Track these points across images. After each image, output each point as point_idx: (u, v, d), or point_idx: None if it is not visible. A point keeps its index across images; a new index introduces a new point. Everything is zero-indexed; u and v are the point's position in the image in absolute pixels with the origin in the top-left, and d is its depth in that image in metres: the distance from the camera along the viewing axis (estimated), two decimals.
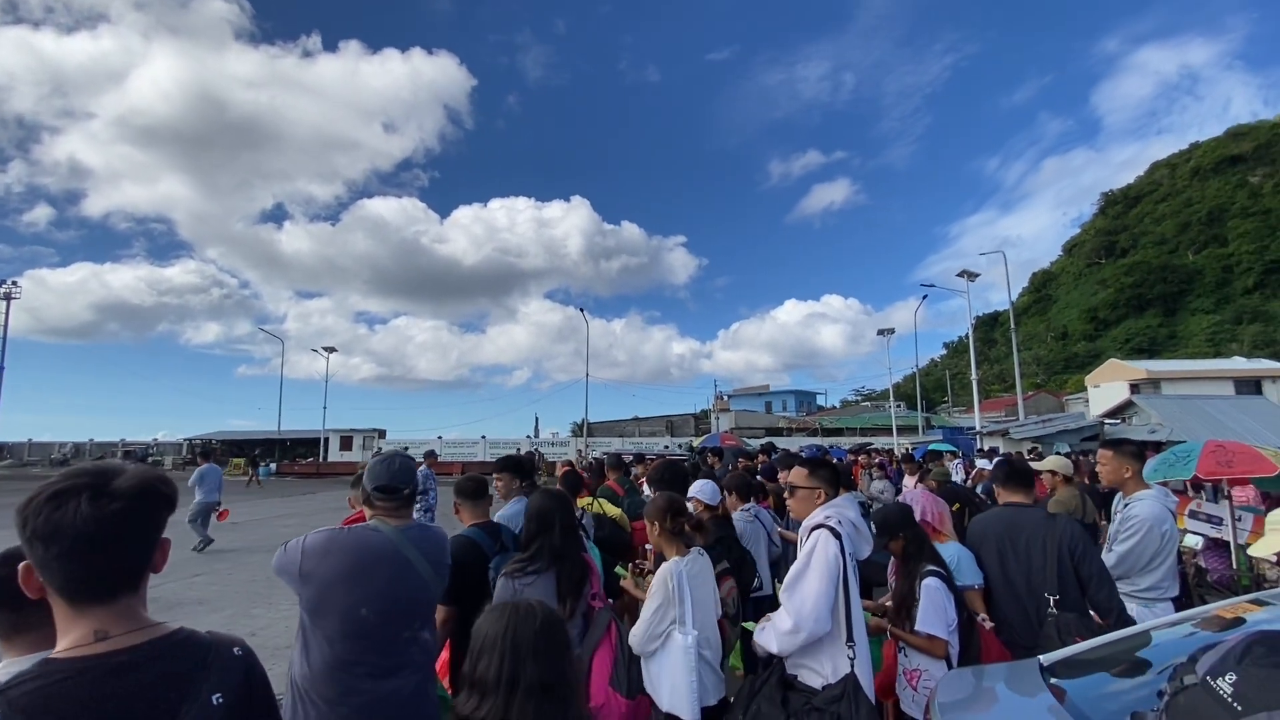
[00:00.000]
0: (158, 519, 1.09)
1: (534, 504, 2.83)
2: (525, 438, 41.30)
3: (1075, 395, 48.81)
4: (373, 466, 2.23)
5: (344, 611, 1.88)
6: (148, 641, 1.06)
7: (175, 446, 45.58)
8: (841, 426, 43.49)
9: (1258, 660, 1.39)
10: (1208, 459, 5.76)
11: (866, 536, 2.63)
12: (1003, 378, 70.31)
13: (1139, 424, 22.90)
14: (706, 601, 2.78)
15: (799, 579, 2.42)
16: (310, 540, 1.98)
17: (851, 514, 2.59)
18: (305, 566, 1.92)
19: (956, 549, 3.38)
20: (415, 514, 2.59)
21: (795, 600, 2.38)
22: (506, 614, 1.37)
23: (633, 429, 46.41)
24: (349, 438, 40.35)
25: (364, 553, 1.97)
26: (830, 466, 2.81)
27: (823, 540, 2.43)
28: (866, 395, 79.70)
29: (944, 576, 2.88)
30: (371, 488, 2.18)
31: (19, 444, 45.96)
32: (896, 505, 3.23)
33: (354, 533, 2.05)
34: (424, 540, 2.14)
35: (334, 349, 43.71)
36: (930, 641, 2.77)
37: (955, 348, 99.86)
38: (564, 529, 2.73)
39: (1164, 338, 71.77)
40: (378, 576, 1.94)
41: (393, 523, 2.13)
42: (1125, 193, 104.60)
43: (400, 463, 2.24)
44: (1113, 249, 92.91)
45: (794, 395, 62.68)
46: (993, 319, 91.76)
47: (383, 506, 2.17)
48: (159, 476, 1.11)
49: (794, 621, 2.35)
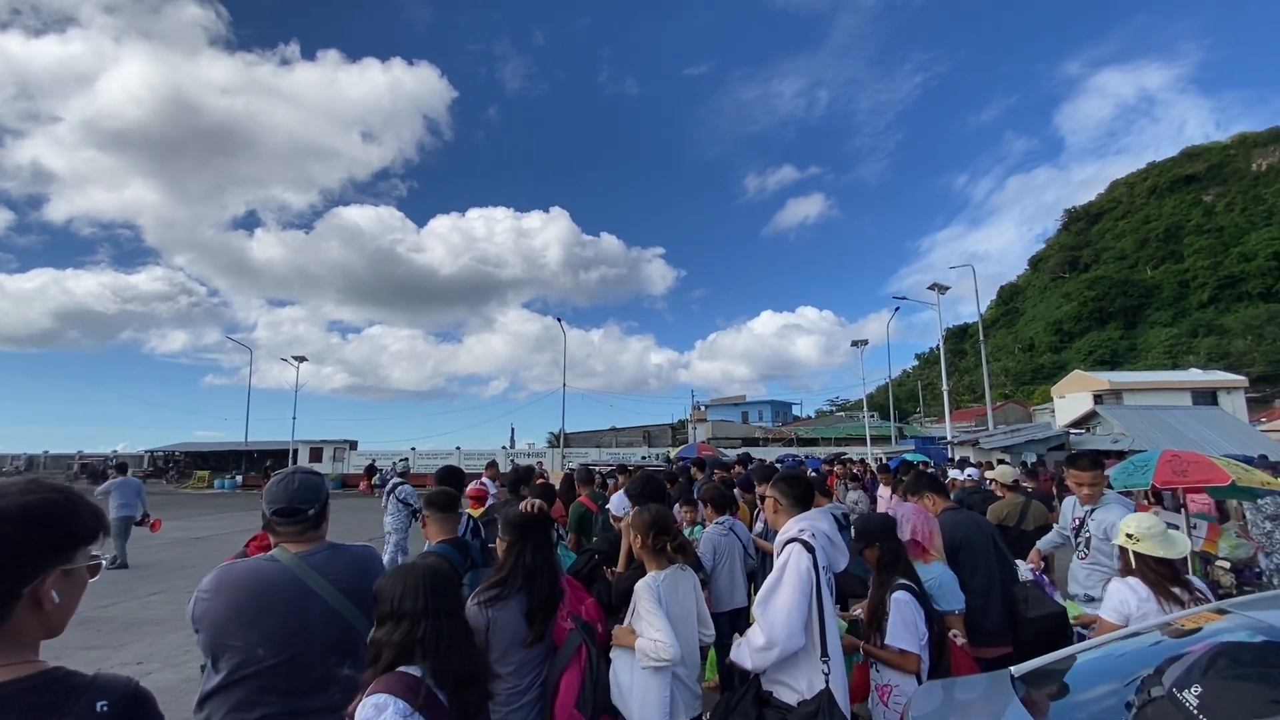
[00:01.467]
0: (25, 549, 0.95)
1: (508, 520, 2.70)
2: (501, 448, 40.82)
3: (1042, 405, 49.96)
4: (270, 487, 2.01)
5: (241, 654, 1.75)
6: (8, 681, 0.94)
7: (136, 459, 44.07)
8: (817, 436, 43.87)
9: (1222, 672, 1.42)
10: (1164, 468, 5.93)
11: (842, 549, 2.61)
12: (973, 388, 71.73)
13: (1103, 434, 23.53)
14: (684, 618, 2.72)
15: (771, 594, 2.39)
16: (203, 581, 1.85)
17: (825, 526, 2.57)
18: (196, 611, 1.80)
19: (941, 570, 3.33)
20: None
21: (768, 616, 2.36)
22: (417, 567, 1.76)
23: (610, 439, 46.21)
24: (319, 449, 39.43)
25: (256, 587, 1.82)
26: (793, 479, 2.80)
27: (795, 554, 2.41)
28: (841, 405, 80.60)
29: (915, 591, 2.88)
30: (270, 511, 1.96)
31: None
32: (879, 515, 3.25)
33: (246, 565, 1.90)
34: (332, 565, 1.94)
35: (304, 358, 42.79)
36: (902, 656, 2.76)
37: (927, 359, 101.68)
38: (535, 547, 2.61)
39: (1125, 350, 74.07)
40: (273, 612, 1.78)
41: (294, 549, 1.94)
42: (1087, 209, 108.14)
43: (301, 480, 2.02)
44: (1076, 263, 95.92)
45: (770, 405, 63.10)
46: (962, 331, 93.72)
47: (285, 532, 1.96)
48: (39, 501, 0.97)
49: (767, 637, 2.33)
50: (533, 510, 2.83)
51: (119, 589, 8.79)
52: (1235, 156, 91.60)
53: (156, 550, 12.02)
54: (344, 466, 38.05)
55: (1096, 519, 3.70)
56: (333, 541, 2.07)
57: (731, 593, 4.56)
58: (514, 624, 2.43)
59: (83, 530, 1.02)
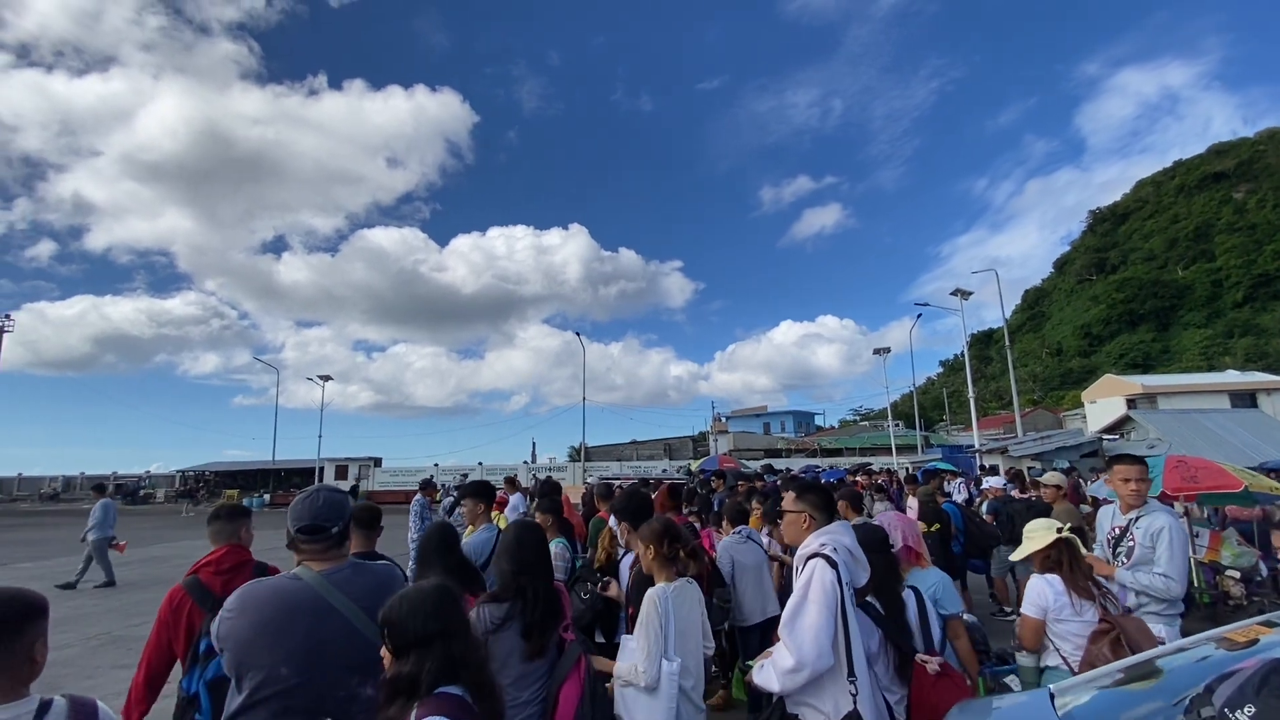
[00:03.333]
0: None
1: (506, 537, 2.69)
2: (523, 463, 40.98)
3: (1073, 411, 48.82)
4: (294, 505, 2.01)
5: (264, 673, 1.75)
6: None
7: (168, 478, 45.08)
8: (840, 446, 43.31)
9: (1275, 691, 1.34)
10: (1172, 474, 5.76)
11: (864, 563, 2.53)
12: (999, 395, 70.34)
13: (1137, 439, 22.88)
14: (690, 631, 2.71)
15: (797, 613, 2.31)
16: (228, 600, 1.85)
17: (848, 541, 2.49)
18: (221, 630, 1.80)
19: (939, 576, 3.30)
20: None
21: (795, 636, 2.27)
22: (425, 592, 1.67)
23: (631, 452, 46.12)
24: (344, 466, 39.99)
25: (279, 605, 1.83)
26: (822, 491, 2.72)
27: (819, 570, 2.32)
28: (864, 415, 79.50)
29: (871, 607, 2.74)
30: (295, 529, 1.96)
31: (8, 479, 45.42)
32: (867, 527, 3.13)
33: (268, 584, 1.91)
34: (354, 583, 1.95)
35: (329, 377, 43.53)
36: None
37: (951, 366, 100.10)
38: (530, 560, 2.56)
39: (1158, 352, 72.15)
40: (296, 630, 1.78)
41: (317, 567, 1.94)
42: (1113, 210, 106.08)
43: (325, 498, 2.03)
44: (1103, 265, 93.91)
45: (792, 416, 62.52)
46: (987, 336, 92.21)
47: (309, 549, 1.96)
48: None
49: (796, 659, 2.23)
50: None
51: (149, 607, 8.92)
52: (1265, 152, 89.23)
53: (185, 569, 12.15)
54: (370, 484, 38.48)
55: (1142, 526, 3.55)
56: (355, 560, 2.08)
57: (761, 604, 4.48)
58: (512, 637, 2.42)
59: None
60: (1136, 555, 3.52)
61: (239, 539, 3.04)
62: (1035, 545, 3.10)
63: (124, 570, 12.39)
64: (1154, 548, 3.45)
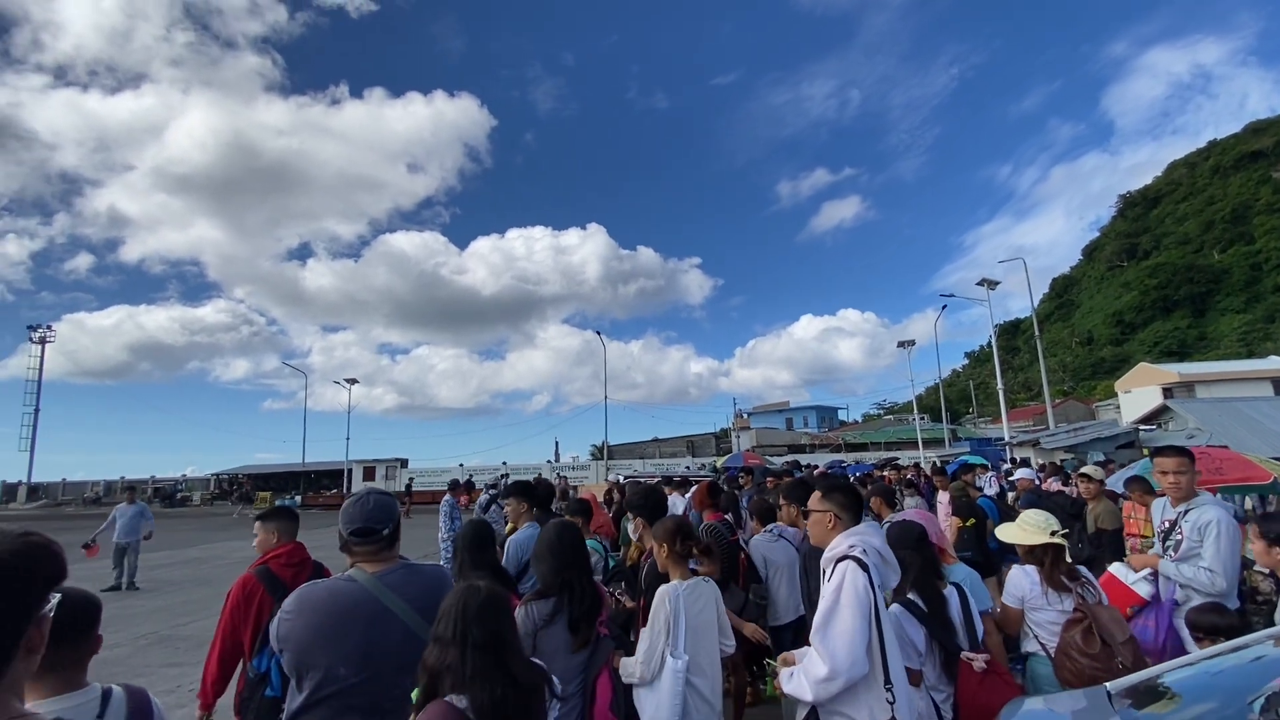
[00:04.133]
0: (22, 600, 0.92)
1: (548, 536, 2.77)
2: (546, 462, 41.24)
3: (1105, 402, 47.65)
4: (348, 508, 2.05)
5: (322, 673, 1.79)
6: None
7: (203, 482, 46.27)
8: (865, 441, 42.82)
9: None
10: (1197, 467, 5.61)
11: (894, 565, 2.46)
12: (1028, 386, 68.92)
13: (1175, 429, 22.23)
14: (703, 629, 2.70)
15: (829, 619, 2.22)
16: (285, 602, 1.89)
17: (877, 542, 2.42)
18: (281, 632, 1.84)
19: (965, 573, 3.25)
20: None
21: (830, 643, 2.18)
22: (460, 589, 1.69)
23: (653, 450, 46.14)
24: (372, 468, 40.61)
25: (336, 607, 1.87)
26: (849, 490, 2.65)
27: (850, 573, 2.24)
28: (889, 409, 78.56)
29: (914, 605, 2.70)
30: (347, 532, 2.00)
31: (53, 484, 46.97)
32: (900, 523, 3.08)
33: (325, 586, 1.95)
34: (408, 584, 1.98)
35: (355, 380, 44.36)
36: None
37: (977, 357, 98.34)
38: (571, 558, 2.66)
39: (1194, 339, 70.00)
40: (353, 631, 1.82)
41: (370, 569, 1.98)
42: (1144, 194, 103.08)
43: (375, 500, 2.07)
44: (1135, 251, 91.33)
45: (815, 411, 61.96)
46: (1014, 327, 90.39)
47: (361, 551, 2.01)
48: (23, 548, 0.95)
49: (830, 667, 2.15)
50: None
51: (195, 607, 9.19)
52: None
53: (228, 569, 12.50)
54: (395, 484, 39.07)
55: (1190, 519, 3.46)
56: (407, 561, 2.11)
57: (794, 602, 4.45)
58: (561, 633, 2.51)
59: (58, 572, 1.00)
60: (1184, 549, 3.45)
61: (296, 537, 3.27)
62: (1027, 540, 3.22)
63: (166, 571, 12.75)
64: (1201, 541, 3.38)
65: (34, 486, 46.17)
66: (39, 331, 49.54)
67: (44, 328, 49.96)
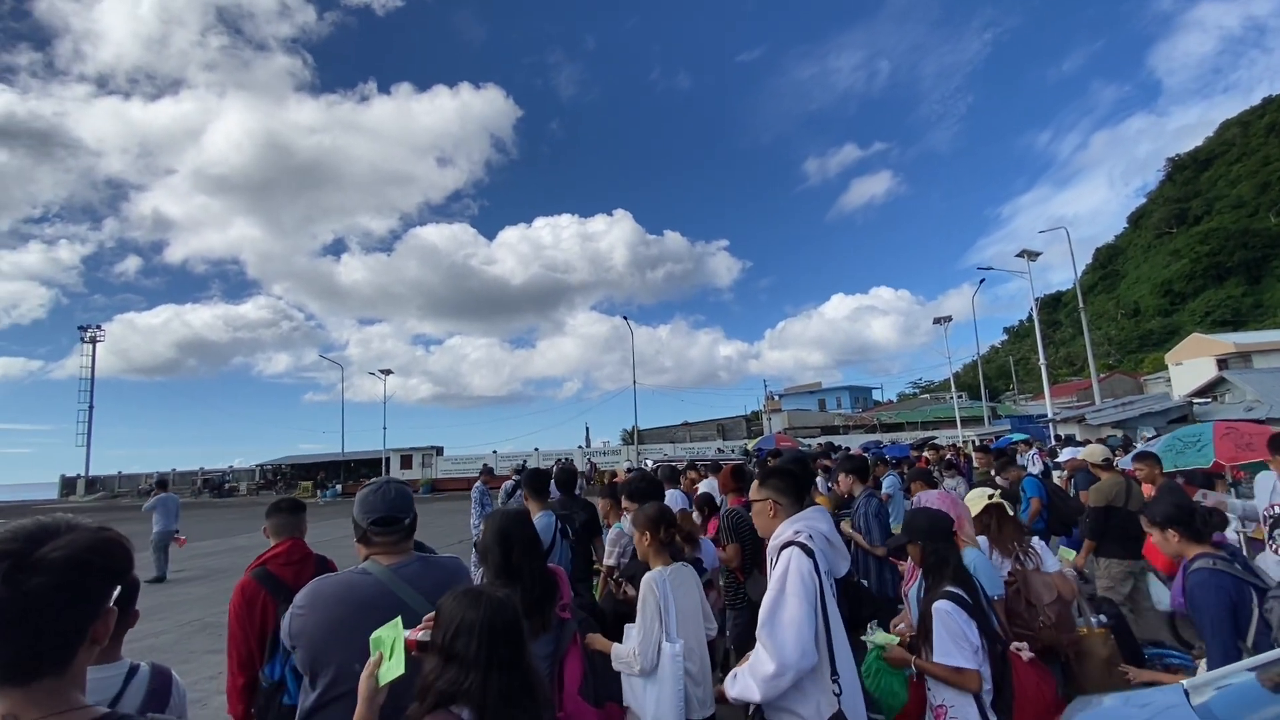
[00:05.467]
0: (91, 592, 0.95)
1: (490, 526, 2.68)
2: (578, 447, 41.53)
3: (1155, 375, 45.83)
4: (366, 497, 1.97)
5: (336, 670, 1.74)
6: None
7: (249, 473, 47.88)
8: (901, 421, 42.02)
9: None
10: (1224, 443, 5.27)
11: (843, 551, 2.37)
12: (1070, 361, 66.73)
13: (1232, 401, 21.20)
14: (691, 613, 2.66)
15: (775, 610, 2.09)
16: (296, 598, 1.83)
17: (824, 527, 2.31)
18: (293, 628, 1.79)
19: (974, 556, 3.07)
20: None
21: (777, 636, 2.05)
22: (482, 602, 1.54)
23: (683, 434, 46.05)
24: (409, 456, 41.46)
25: (350, 601, 1.82)
26: (787, 475, 2.50)
27: (795, 560, 2.13)
28: (924, 387, 76.94)
29: (960, 598, 2.53)
30: (368, 522, 1.93)
31: (110, 476, 49.19)
32: (928, 511, 2.89)
33: (338, 579, 1.89)
34: (424, 577, 1.91)
35: (390, 371, 45.22)
36: (958, 674, 2.39)
37: (1016, 332, 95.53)
38: (522, 546, 2.56)
39: (1249, 308, 66.62)
40: (367, 626, 1.73)
41: (385, 561, 1.92)
42: (1194, 156, 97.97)
43: (396, 489, 2.01)
44: (1184, 217, 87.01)
45: (848, 391, 60.97)
46: (1054, 300, 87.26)
47: (381, 542, 1.94)
48: (97, 543, 0.96)
49: (778, 662, 2.01)
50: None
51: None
52: None
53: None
54: (433, 472, 39.81)
55: None
56: (420, 554, 2.05)
57: None
58: None
59: (128, 565, 1.03)
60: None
61: (299, 533, 3.10)
62: (974, 510, 3.45)
63: (212, 560, 13.18)
64: None
65: (91, 480, 48.41)
66: (89, 331, 51.65)
67: (94, 328, 52.09)
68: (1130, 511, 5.05)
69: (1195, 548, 2.66)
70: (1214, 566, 2.51)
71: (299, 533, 3.10)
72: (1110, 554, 4.94)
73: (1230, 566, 2.51)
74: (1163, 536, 2.74)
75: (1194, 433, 5.58)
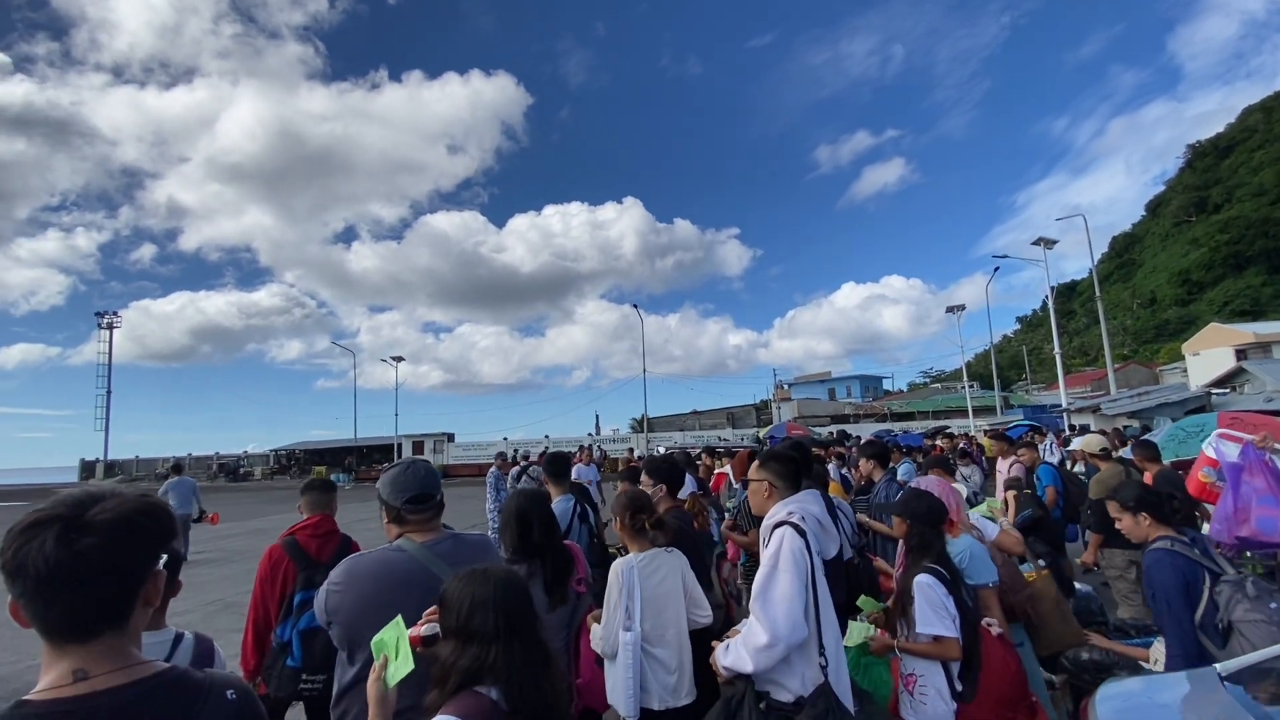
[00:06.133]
0: (140, 553, 0.99)
1: (510, 506, 2.84)
2: (588, 435, 41.67)
3: (1171, 365, 45.25)
4: (397, 478, 2.00)
5: None
6: (131, 683, 0.97)
7: (263, 457, 48.45)
8: (912, 410, 41.78)
9: None
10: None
11: (833, 534, 2.44)
12: (1084, 351, 66.02)
13: (1252, 392, 20.93)
14: (664, 599, 2.67)
15: (768, 584, 2.18)
16: (333, 573, 1.86)
17: (816, 509, 2.40)
18: (329, 604, 1.81)
19: (969, 544, 3.20)
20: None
21: (769, 609, 2.13)
22: (491, 578, 1.54)
23: (693, 422, 46.08)
24: (420, 442, 41.75)
25: (388, 578, 1.85)
26: (785, 460, 2.60)
27: (788, 539, 2.22)
28: (936, 377, 76.42)
29: (941, 575, 2.67)
30: (402, 501, 1.96)
31: (128, 461, 49.92)
32: (927, 497, 2.97)
33: (375, 557, 1.91)
34: (457, 554, 1.94)
35: (402, 358, 45.47)
36: (938, 644, 2.56)
37: (1029, 322, 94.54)
38: (541, 524, 2.75)
39: (1269, 297, 65.36)
40: (404, 602, 1.75)
41: (419, 539, 1.94)
42: (1215, 143, 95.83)
43: (425, 468, 2.06)
44: (1204, 204, 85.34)
45: (858, 380, 60.69)
46: (1069, 289, 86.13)
47: (415, 520, 1.97)
48: (143, 507, 1.01)
49: (770, 634, 2.09)
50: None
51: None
52: None
53: None
54: (444, 458, 40.10)
55: None
56: (452, 532, 2.08)
57: None
58: (537, 593, 2.56)
59: (174, 530, 1.08)
60: None
61: (330, 510, 3.26)
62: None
63: (232, 541, 13.38)
64: None
65: (110, 463, 49.16)
66: (106, 318, 52.25)
67: (111, 314, 52.67)
68: None
69: (1160, 530, 2.76)
70: (1171, 547, 2.65)
71: (329, 510, 3.24)
72: (1114, 543, 4.91)
73: (1189, 550, 2.64)
74: (1134, 520, 2.83)
75: (1198, 422, 5.54)
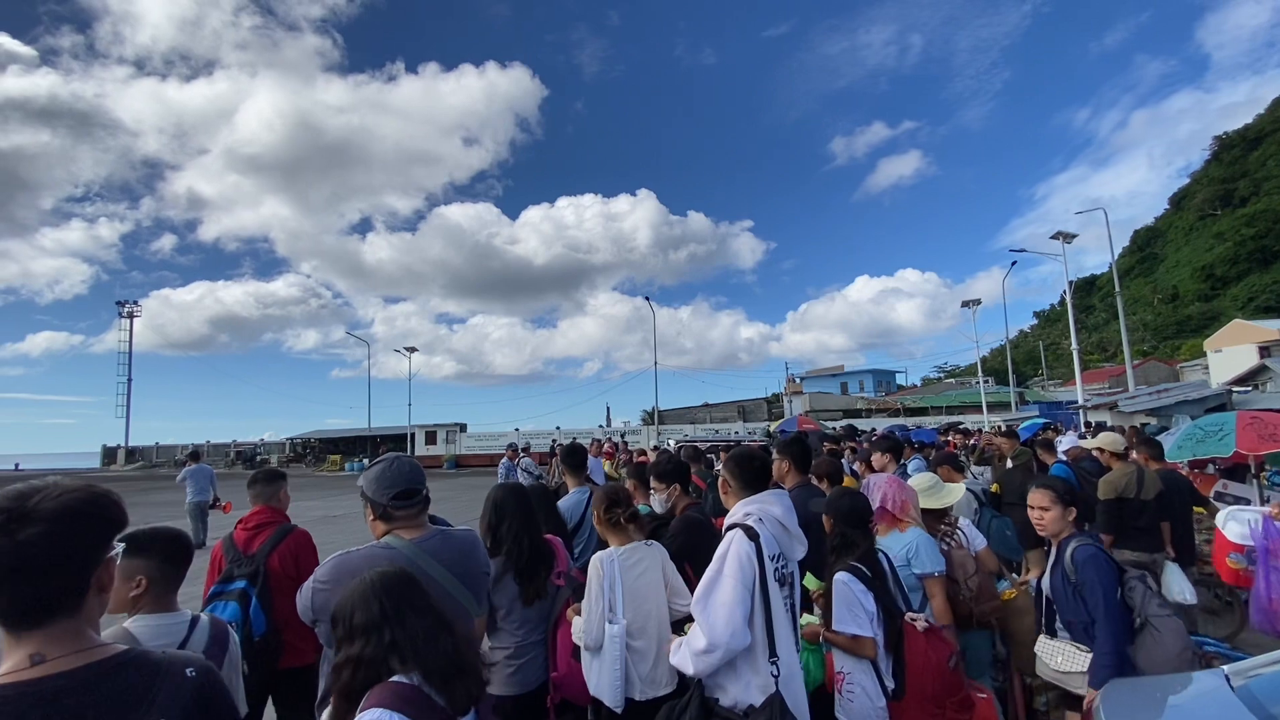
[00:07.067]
0: (85, 540, 1.03)
1: (490, 499, 2.88)
2: (598, 427, 41.79)
3: (1192, 362, 44.47)
4: (382, 474, 1.97)
5: None
6: (87, 665, 1.01)
7: (279, 445, 49.15)
8: (925, 405, 41.46)
9: None
10: (1247, 433, 5.13)
11: (798, 536, 2.37)
12: (1102, 347, 64.95)
13: (1274, 390, 20.54)
14: (645, 591, 2.67)
15: (710, 589, 2.14)
16: (318, 572, 1.86)
17: (778, 511, 2.31)
18: (316, 601, 1.82)
19: (915, 535, 3.25)
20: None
21: (709, 614, 2.10)
22: (367, 578, 1.55)
23: (704, 415, 46.04)
24: (433, 432, 42.10)
25: None
26: (745, 460, 2.50)
27: (736, 542, 2.15)
28: (949, 371, 75.64)
29: (859, 570, 2.68)
30: (389, 497, 1.94)
31: (148, 447, 50.90)
32: (857, 499, 2.98)
33: (362, 555, 1.90)
34: (445, 549, 1.96)
35: (415, 349, 45.74)
36: (854, 641, 2.57)
37: (1046, 317, 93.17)
38: (516, 518, 2.79)
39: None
40: None
41: (408, 535, 1.94)
42: (1243, 135, 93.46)
43: (410, 463, 2.04)
44: (1230, 198, 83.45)
45: (871, 375, 60.23)
46: (1088, 284, 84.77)
47: (402, 515, 1.96)
48: (87, 496, 1.04)
49: (708, 639, 2.06)
50: None
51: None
52: None
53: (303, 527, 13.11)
54: (457, 448, 40.40)
55: None
56: (439, 528, 2.08)
57: None
58: (510, 586, 2.71)
59: (122, 518, 1.11)
60: None
61: (277, 501, 3.34)
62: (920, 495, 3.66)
63: None
64: None
65: (131, 450, 50.17)
66: (127, 307, 53.20)
67: (131, 303, 53.67)
68: (1143, 501, 4.91)
69: (1072, 528, 2.94)
70: (1097, 545, 2.79)
71: (275, 502, 3.32)
72: (1124, 544, 4.82)
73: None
74: (1062, 513, 2.95)
75: (1216, 421, 5.45)
